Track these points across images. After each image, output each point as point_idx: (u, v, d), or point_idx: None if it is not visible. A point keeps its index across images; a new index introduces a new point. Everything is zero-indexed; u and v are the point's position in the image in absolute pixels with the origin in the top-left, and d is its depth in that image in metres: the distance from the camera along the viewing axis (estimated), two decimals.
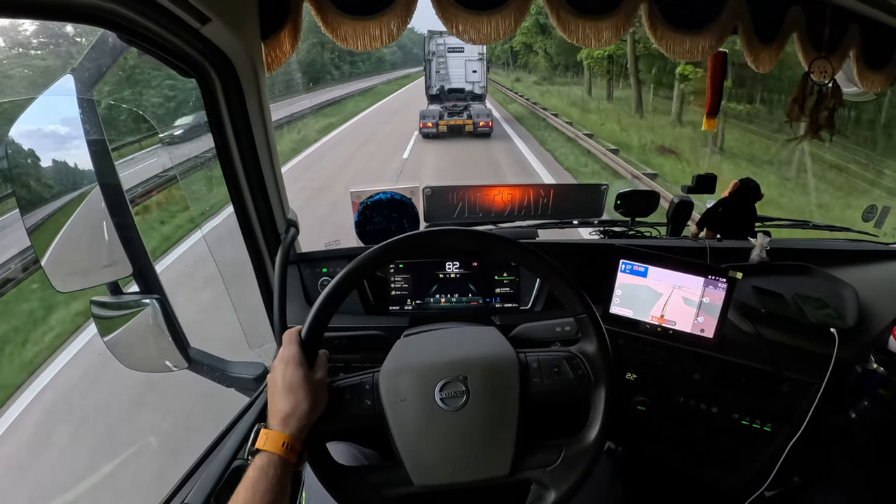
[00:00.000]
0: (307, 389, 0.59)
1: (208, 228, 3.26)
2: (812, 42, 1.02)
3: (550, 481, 0.60)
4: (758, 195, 1.16)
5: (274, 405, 0.58)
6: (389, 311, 1.00)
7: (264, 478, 0.53)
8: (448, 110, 10.38)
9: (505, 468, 0.60)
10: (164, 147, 4.99)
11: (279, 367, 0.60)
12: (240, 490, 0.53)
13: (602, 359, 0.63)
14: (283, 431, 0.56)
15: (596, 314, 0.64)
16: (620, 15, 0.96)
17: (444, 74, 11.73)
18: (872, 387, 0.86)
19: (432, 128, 10.02)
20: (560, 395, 0.64)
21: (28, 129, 0.78)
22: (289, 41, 0.92)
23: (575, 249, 1.07)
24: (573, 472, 0.60)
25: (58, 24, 0.65)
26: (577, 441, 0.62)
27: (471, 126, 10.07)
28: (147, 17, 0.67)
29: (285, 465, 0.55)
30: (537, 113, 14.24)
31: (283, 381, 0.59)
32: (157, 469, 2.10)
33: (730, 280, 0.85)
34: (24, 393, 2.85)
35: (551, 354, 0.66)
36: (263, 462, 0.54)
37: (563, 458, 0.61)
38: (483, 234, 0.64)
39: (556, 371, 0.64)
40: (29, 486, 2.24)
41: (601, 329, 0.64)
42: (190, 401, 2.36)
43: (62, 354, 3.18)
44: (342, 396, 0.63)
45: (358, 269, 0.62)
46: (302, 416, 0.57)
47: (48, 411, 2.71)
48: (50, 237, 0.83)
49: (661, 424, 0.96)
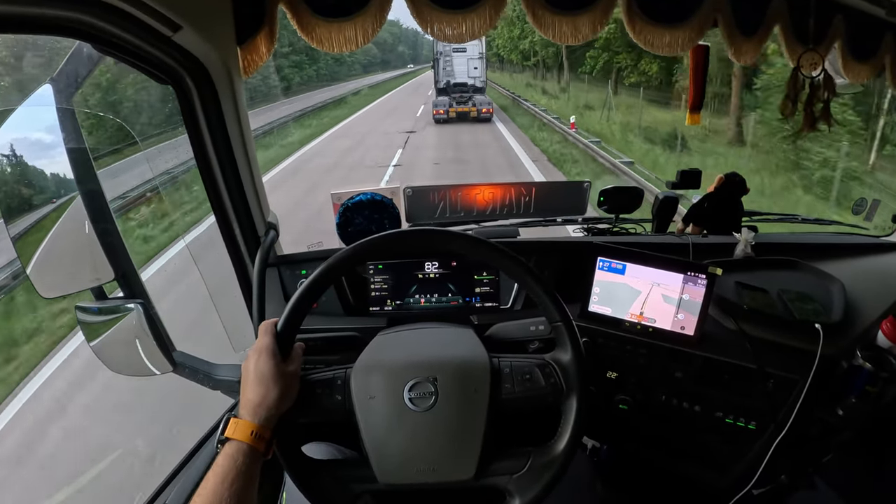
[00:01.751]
0: (277, 379, 0.59)
1: (192, 235, 3.28)
2: (796, 34, 1.01)
3: (515, 489, 0.60)
4: (743, 189, 1.14)
5: (245, 394, 0.59)
6: (370, 311, 1.00)
7: (233, 466, 0.54)
8: (455, 100, 12.94)
9: (470, 472, 0.60)
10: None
11: (252, 357, 0.61)
12: (209, 477, 0.53)
13: (575, 368, 0.63)
14: (252, 420, 0.57)
15: (572, 323, 0.63)
16: (597, 10, 0.96)
17: (450, 71, 14.14)
18: (859, 383, 0.85)
19: (444, 114, 12.66)
20: (531, 402, 0.63)
21: (9, 139, 0.80)
22: (265, 45, 0.93)
23: (554, 247, 1.06)
24: (539, 481, 0.60)
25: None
26: (545, 450, 0.62)
27: (475, 112, 12.68)
28: (119, 27, 0.68)
29: (254, 453, 0.56)
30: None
31: (255, 370, 0.59)
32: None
33: (709, 276, 0.84)
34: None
35: (524, 361, 0.65)
36: (233, 450, 0.55)
37: (530, 466, 0.61)
38: (459, 235, 0.64)
39: (527, 378, 0.63)
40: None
41: (576, 338, 0.63)
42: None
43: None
44: (313, 390, 0.64)
45: (333, 267, 0.63)
46: (271, 405, 0.58)
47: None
48: (34, 244, 0.85)
49: (643, 423, 0.95)
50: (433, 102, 13.38)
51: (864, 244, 1.15)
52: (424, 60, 73.23)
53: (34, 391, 2.94)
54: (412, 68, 61.45)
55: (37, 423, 2.69)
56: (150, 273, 3.95)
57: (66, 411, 2.76)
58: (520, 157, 9.13)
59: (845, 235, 1.21)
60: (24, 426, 2.69)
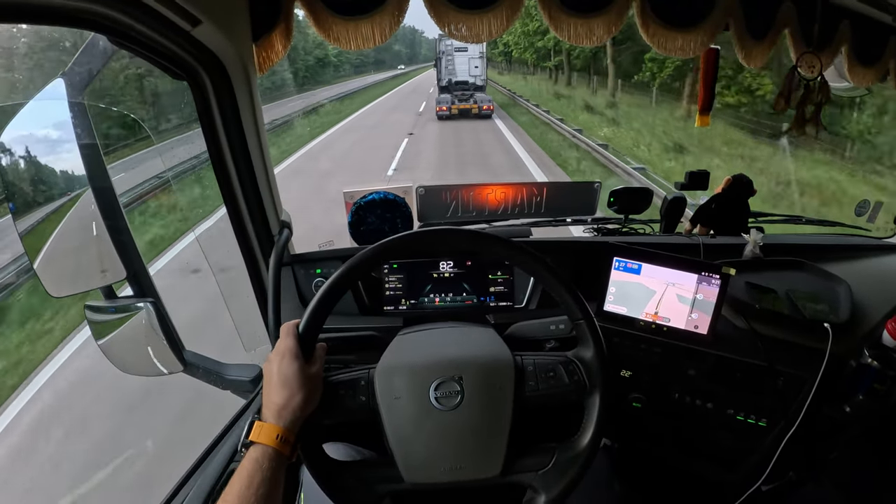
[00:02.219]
0: (302, 382, 0.58)
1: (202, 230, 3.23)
2: (804, 38, 1.03)
3: (541, 485, 0.61)
4: (750, 191, 1.16)
5: (268, 397, 0.58)
6: (384, 311, 1.00)
7: (259, 470, 0.53)
8: (457, 97, 13.58)
9: (496, 469, 0.60)
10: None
11: (275, 360, 0.60)
12: (234, 482, 0.53)
13: (598, 365, 0.63)
14: (277, 424, 0.56)
15: (594, 320, 0.64)
16: (612, 13, 0.96)
17: (452, 69, 14.62)
18: (867, 381, 0.87)
19: (446, 111, 13.27)
20: (554, 399, 0.64)
21: (20, 134, 0.78)
22: (281, 42, 0.92)
23: (568, 247, 1.07)
24: (564, 476, 0.60)
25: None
26: (569, 446, 0.62)
27: (476, 109, 13.33)
28: (137, 19, 0.67)
29: (279, 457, 0.55)
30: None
31: (279, 373, 0.59)
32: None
33: (723, 276, 0.86)
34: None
35: (548, 358, 0.66)
36: (258, 454, 0.54)
37: (555, 462, 0.61)
38: (500, 240, 0.64)
39: (551, 375, 0.64)
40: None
41: (598, 335, 0.64)
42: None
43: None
44: (336, 391, 0.64)
45: (357, 265, 0.62)
46: (296, 408, 0.57)
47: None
48: (43, 241, 0.83)
49: (656, 421, 0.96)
50: (436, 100, 14.00)
51: (866, 245, 1.18)
52: (423, 60, 71.17)
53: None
54: (402, 70, 57.22)
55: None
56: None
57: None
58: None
59: (848, 237, 1.24)
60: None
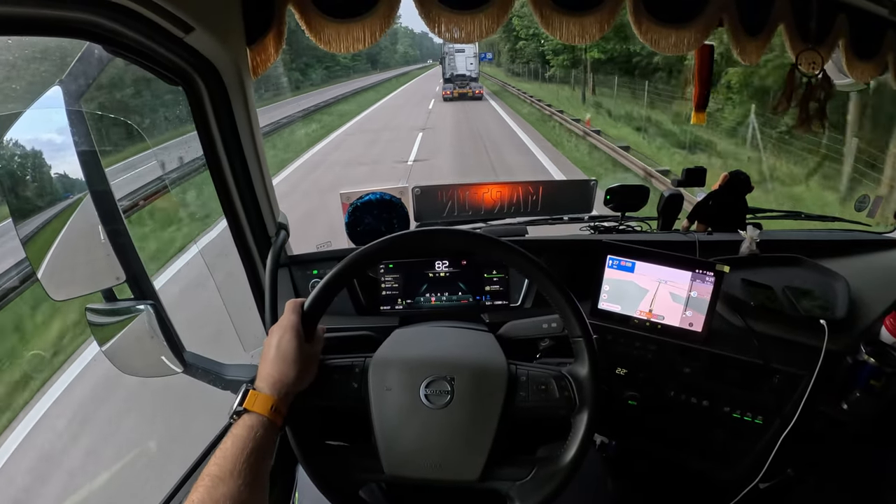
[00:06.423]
0: (298, 358, 0.59)
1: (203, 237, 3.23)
2: (800, 33, 1.02)
3: (517, 495, 0.61)
4: (748, 187, 1.15)
5: (264, 368, 0.59)
6: (380, 311, 1.01)
7: (252, 437, 0.53)
8: (458, 85, 19.95)
9: (475, 474, 0.60)
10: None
11: (276, 333, 0.61)
12: (226, 445, 0.52)
13: (591, 385, 0.63)
14: (272, 394, 0.57)
15: (593, 339, 0.64)
16: (605, 11, 0.96)
17: (453, 66, 21.11)
18: (864, 378, 0.86)
19: (450, 94, 19.55)
20: (543, 412, 0.64)
21: (19, 141, 0.80)
22: (274, 46, 0.92)
23: (563, 246, 1.07)
24: (541, 491, 0.60)
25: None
26: (551, 461, 0.62)
27: (470, 93, 19.70)
28: (131, 28, 0.68)
29: (272, 427, 0.56)
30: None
31: (278, 346, 0.59)
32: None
33: (717, 274, 0.86)
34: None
35: (541, 371, 0.66)
36: (253, 422, 0.54)
37: (534, 475, 0.61)
38: (503, 244, 0.64)
39: (543, 389, 0.64)
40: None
41: (595, 355, 0.63)
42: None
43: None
44: (331, 375, 0.65)
45: (372, 252, 0.63)
46: (290, 382, 0.58)
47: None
48: (44, 246, 0.85)
49: (652, 418, 0.96)
50: (442, 87, 21.01)
51: (866, 240, 1.17)
52: (422, 59, 69.13)
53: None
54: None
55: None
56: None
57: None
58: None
59: (848, 232, 1.23)
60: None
